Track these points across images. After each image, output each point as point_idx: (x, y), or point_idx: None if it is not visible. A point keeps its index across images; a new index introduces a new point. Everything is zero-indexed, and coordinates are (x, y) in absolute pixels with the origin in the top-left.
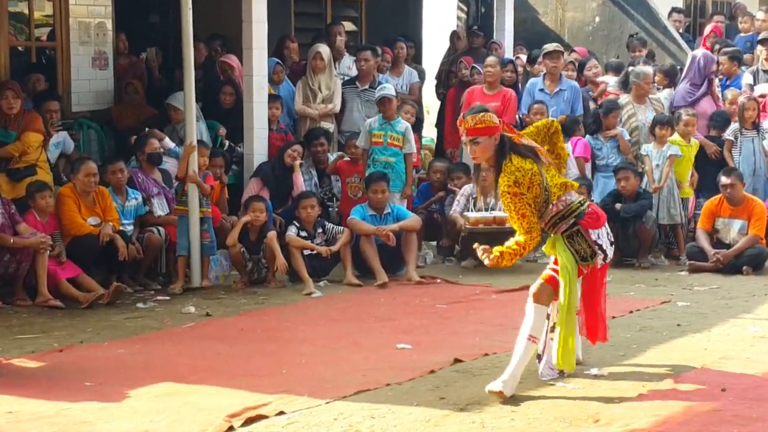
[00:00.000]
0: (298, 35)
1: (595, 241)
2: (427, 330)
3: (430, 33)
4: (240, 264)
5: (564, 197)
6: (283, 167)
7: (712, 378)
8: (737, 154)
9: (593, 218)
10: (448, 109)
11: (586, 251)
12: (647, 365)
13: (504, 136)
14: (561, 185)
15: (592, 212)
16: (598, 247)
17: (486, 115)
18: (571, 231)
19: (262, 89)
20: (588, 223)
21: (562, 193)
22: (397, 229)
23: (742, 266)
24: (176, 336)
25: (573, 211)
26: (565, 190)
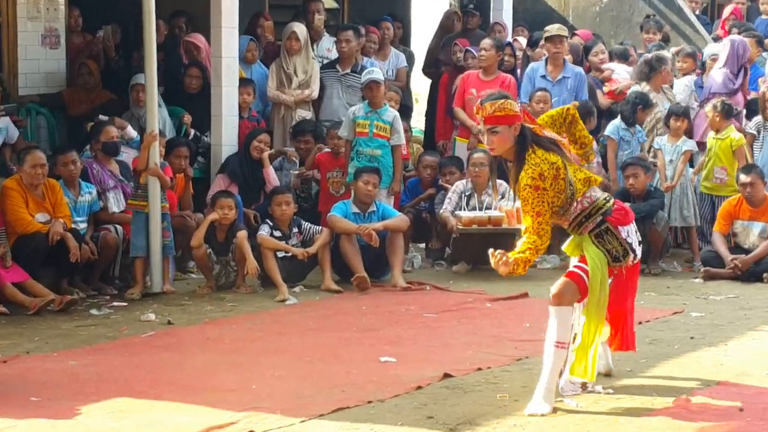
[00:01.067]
0: (273, 13)
1: (626, 239)
2: (414, 341)
3: (419, 12)
4: (206, 267)
5: (588, 194)
6: (252, 160)
7: (729, 396)
8: (758, 150)
9: (621, 214)
10: (440, 97)
11: (618, 250)
12: (657, 382)
13: (525, 127)
14: (584, 180)
15: (619, 208)
16: (628, 245)
17: (506, 102)
18: (600, 229)
19: (232, 72)
20: (617, 219)
21: (586, 189)
22: (381, 229)
23: (762, 273)
24: (134, 346)
25: (600, 208)
26: (588, 185)
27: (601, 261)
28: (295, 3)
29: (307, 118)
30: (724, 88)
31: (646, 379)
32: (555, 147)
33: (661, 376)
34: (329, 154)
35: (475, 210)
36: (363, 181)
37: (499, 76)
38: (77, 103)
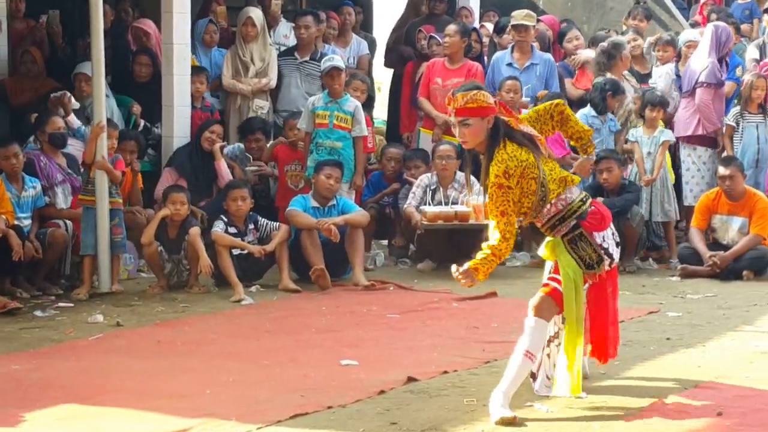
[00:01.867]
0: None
1: (601, 244)
2: (377, 343)
3: None
4: (157, 265)
5: (564, 195)
6: (203, 153)
7: (707, 400)
8: (738, 142)
9: (597, 219)
10: (404, 87)
11: (591, 257)
12: (632, 384)
13: (499, 119)
14: (560, 180)
15: (595, 212)
16: (604, 251)
17: (479, 93)
18: (573, 234)
19: (184, 60)
20: (591, 224)
21: (561, 190)
22: (341, 224)
23: (742, 270)
24: (81, 350)
25: (574, 212)
26: (564, 186)
27: (574, 272)
28: None
29: (264, 108)
30: (713, 78)
31: (620, 381)
32: (528, 143)
33: (636, 378)
34: (287, 147)
35: (441, 205)
36: (324, 175)
37: (465, 64)
38: (20, 92)
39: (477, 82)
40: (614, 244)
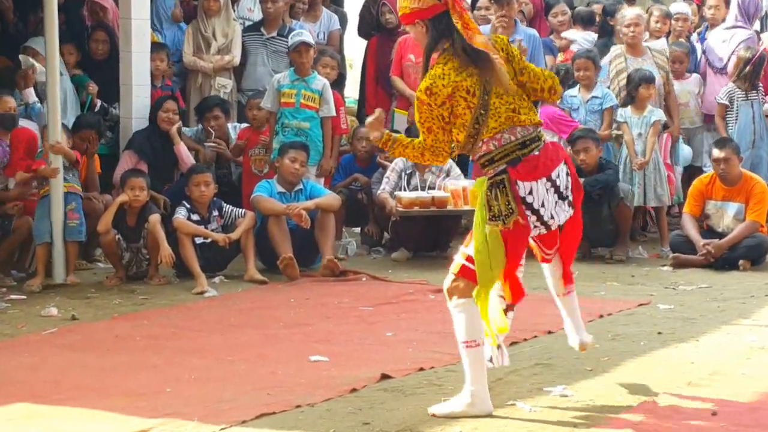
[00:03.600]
0: None
1: (523, 197)
2: (348, 338)
3: None
4: (114, 255)
5: (501, 134)
6: (162, 135)
7: (700, 399)
8: (732, 122)
9: (528, 167)
10: (369, 64)
11: (500, 209)
12: (621, 383)
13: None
14: (507, 119)
15: (532, 158)
16: (526, 205)
17: None
18: (495, 179)
19: (144, 36)
20: (519, 173)
21: (502, 128)
22: (312, 208)
23: (737, 260)
24: (34, 345)
25: (505, 155)
26: (510, 124)
27: (482, 218)
28: None
29: (227, 87)
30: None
31: (608, 378)
32: (475, 62)
33: (625, 376)
34: (249, 129)
35: (417, 190)
36: (289, 158)
37: None
38: None
39: None
40: (551, 203)
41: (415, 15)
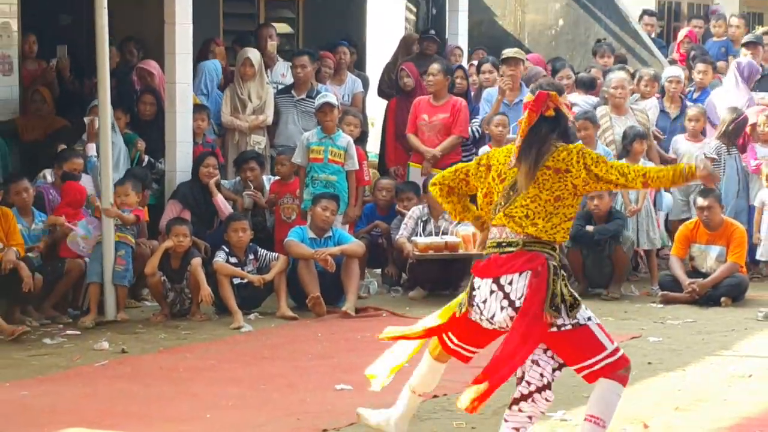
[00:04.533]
0: (228, 38)
1: (473, 290)
2: None
3: (374, 37)
4: (160, 294)
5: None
6: (202, 186)
7: (687, 423)
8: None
9: (484, 264)
10: (389, 123)
11: (462, 296)
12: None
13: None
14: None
15: (493, 259)
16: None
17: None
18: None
19: (186, 98)
20: (476, 267)
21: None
22: (338, 253)
23: (720, 297)
24: (87, 376)
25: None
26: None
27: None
28: (250, 29)
29: (261, 144)
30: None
31: None
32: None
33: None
34: (279, 182)
35: (432, 235)
36: (321, 207)
37: (449, 100)
38: (31, 130)
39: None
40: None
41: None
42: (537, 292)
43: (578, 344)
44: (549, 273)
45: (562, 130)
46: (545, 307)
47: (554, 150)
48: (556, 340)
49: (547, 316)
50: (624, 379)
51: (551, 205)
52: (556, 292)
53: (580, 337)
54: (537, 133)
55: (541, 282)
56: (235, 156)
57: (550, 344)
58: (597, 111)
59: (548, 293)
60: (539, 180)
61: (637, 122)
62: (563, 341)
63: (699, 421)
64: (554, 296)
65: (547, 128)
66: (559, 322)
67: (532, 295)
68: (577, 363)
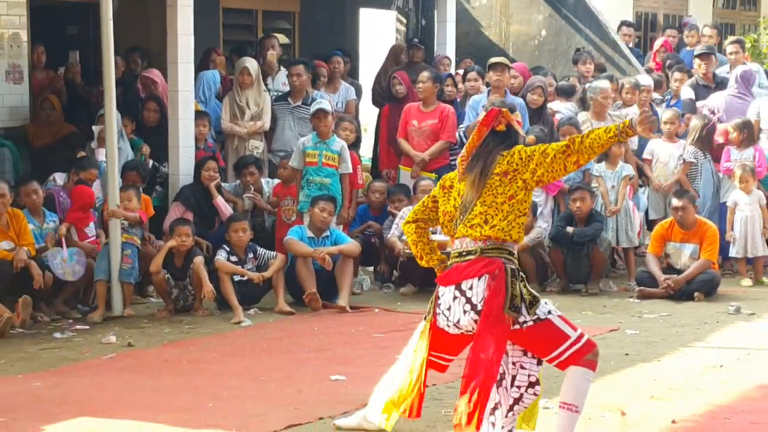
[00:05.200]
0: (227, 48)
1: (436, 298)
2: (363, 361)
3: (366, 47)
4: (164, 291)
5: (459, 239)
6: (204, 189)
7: (662, 410)
8: (698, 177)
9: (447, 273)
10: (382, 128)
11: (430, 306)
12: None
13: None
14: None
15: (455, 267)
16: (436, 305)
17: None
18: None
19: (188, 105)
20: (439, 277)
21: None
22: (335, 252)
23: (693, 292)
24: (95, 368)
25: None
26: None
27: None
28: (248, 39)
29: (259, 149)
30: (737, 112)
31: None
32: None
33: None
34: (280, 185)
35: None
36: (319, 208)
37: (438, 107)
38: (40, 136)
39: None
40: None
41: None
42: (496, 295)
43: (543, 337)
44: (507, 275)
45: (511, 144)
46: (505, 308)
47: (499, 158)
48: (521, 337)
49: (506, 316)
50: (592, 363)
51: (507, 205)
52: (515, 293)
53: (543, 331)
54: (485, 146)
55: (499, 284)
56: (234, 160)
57: (517, 341)
58: (579, 116)
59: (507, 295)
60: (491, 186)
61: None
62: (528, 336)
63: (673, 409)
64: (513, 297)
65: (496, 142)
66: (521, 319)
67: (492, 297)
68: (545, 355)
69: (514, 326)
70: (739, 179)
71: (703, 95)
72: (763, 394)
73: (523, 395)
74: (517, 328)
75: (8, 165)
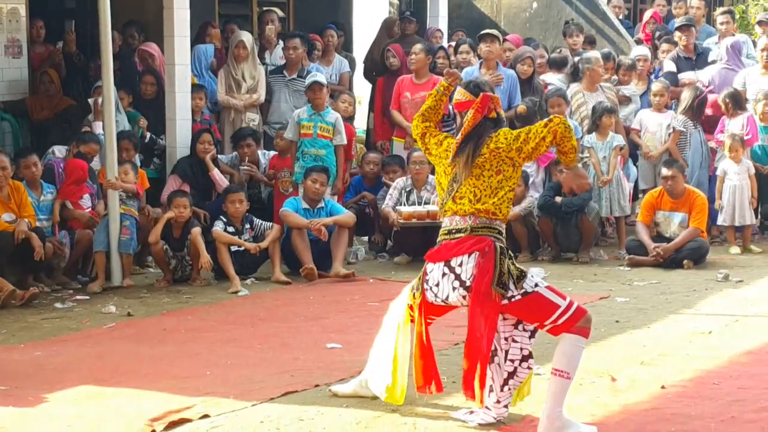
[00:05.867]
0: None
1: (424, 274)
2: (359, 329)
3: (360, 20)
4: (163, 262)
5: (449, 217)
6: (200, 161)
7: (651, 376)
8: (687, 146)
9: (436, 250)
10: (377, 100)
11: (417, 282)
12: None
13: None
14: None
15: (444, 245)
16: (424, 281)
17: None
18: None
19: (185, 79)
20: (429, 254)
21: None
22: (331, 223)
23: (682, 260)
24: (96, 337)
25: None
26: (452, 212)
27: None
28: (241, 13)
29: (255, 121)
30: (723, 82)
31: None
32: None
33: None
34: (277, 156)
35: (415, 205)
36: (311, 180)
37: (431, 79)
38: (39, 110)
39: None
40: (447, 285)
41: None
42: (485, 273)
43: (532, 309)
44: (496, 253)
45: (499, 127)
46: (492, 284)
47: (488, 139)
48: (511, 310)
49: (494, 293)
50: (584, 330)
51: (495, 180)
52: (503, 270)
53: (532, 303)
54: (477, 130)
55: (488, 262)
56: (231, 132)
57: (509, 312)
58: (570, 88)
59: (495, 272)
60: (479, 163)
61: (606, 99)
62: (518, 309)
63: (662, 374)
64: (501, 275)
65: (486, 126)
66: (509, 294)
67: (481, 275)
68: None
69: (503, 301)
70: (729, 148)
71: (684, 68)
72: (750, 359)
73: (517, 369)
74: (506, 303)
75: (8, 138)
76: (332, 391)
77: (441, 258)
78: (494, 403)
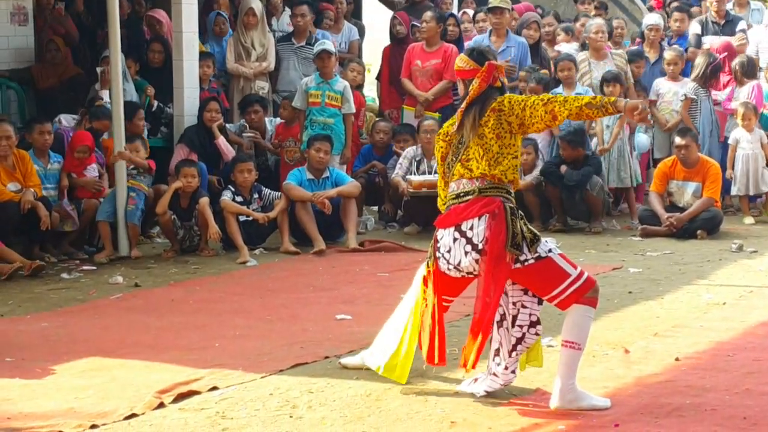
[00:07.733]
0: None
1: (435, 242)
2: (368, 300)
3: None
4: (171, 232)
5: (456, 181)
6: (207, 130)
7: (665, 347)
8: (697, 113)
9: (444, 216)
10: (384, 68)
11: (430, 251)
12: (597, 334)
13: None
14: (465, 169)
15: (453, 209)
16: (436, 249)
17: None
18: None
19: (193, 47)
20: (440, 219)
21: (455, 178)
22: (334, 195)
23: (696, 230)
24: (103, 308)
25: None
26: (459, 176)
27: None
28: None
29: (265, 89)
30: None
31: None
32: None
33: (600, 329)
34: (283, 125)
35: (425, 174)
36: (315, 149)
37: (441, 47)
38: (46, 78)
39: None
40: (459, 250)
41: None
42: (498, 234)
43: (544, 275)
44: (506, 214)
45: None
46: (507, 246)
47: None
48: (522, 275)
49: (508, 254)
50: (593, 301)
51: (495, 144)
52: (516, 231)
53: (544, 269)
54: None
55: (499, 223)
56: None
57: (518, 280)
58: (578, 56)
59: (508, 233)
60: (483, 123)
61: (615, 66)
62: (529, 275)
63: (676, 346)
64: (515, 235)
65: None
66: (522, 257)
67: (494, 237)
68: (546, 293)
69: (516, 264)
70: (741, 117)
71: (710, 32)
72: (765, 331)
73: (525, 335)
74: (519, 266)
75: (14, 106)
76: (342, 363)
77: (451, 223)
78: (502, 369)
